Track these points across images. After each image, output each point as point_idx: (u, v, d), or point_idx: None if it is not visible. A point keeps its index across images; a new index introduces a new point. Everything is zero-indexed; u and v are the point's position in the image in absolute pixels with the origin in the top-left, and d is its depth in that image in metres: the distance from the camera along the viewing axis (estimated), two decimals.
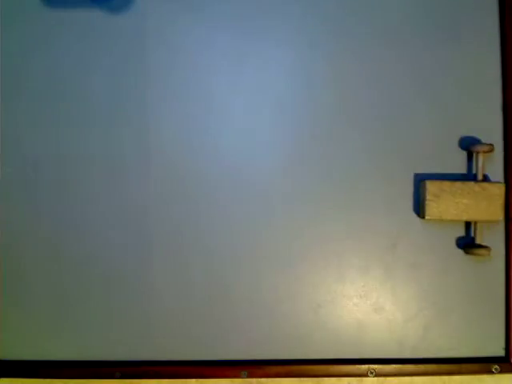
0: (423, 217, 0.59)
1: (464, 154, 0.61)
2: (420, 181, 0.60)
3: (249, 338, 0.61)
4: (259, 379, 0.62)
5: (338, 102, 0.62)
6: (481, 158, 0.59)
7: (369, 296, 0.61)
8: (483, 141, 0.61)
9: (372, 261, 0.61)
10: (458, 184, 0.58)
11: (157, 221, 0.62)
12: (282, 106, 0.62)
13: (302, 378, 0.62)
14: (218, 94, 0.62)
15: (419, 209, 0.60)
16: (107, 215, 0.62)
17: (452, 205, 0.58)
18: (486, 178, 0.60)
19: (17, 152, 0.62)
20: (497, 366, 0.60)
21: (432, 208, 0.58)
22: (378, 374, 0.60)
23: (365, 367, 0.60)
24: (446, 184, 0.58)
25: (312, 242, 0.61)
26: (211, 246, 0.62)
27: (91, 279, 0.62)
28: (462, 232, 0.61)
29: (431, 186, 0.58)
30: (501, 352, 0.61)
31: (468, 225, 0.61)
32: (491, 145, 0.59)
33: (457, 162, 0.61)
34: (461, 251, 0.61)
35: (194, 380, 0.63)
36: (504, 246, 0.61)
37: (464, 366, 0.60)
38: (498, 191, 0.58)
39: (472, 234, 0.60)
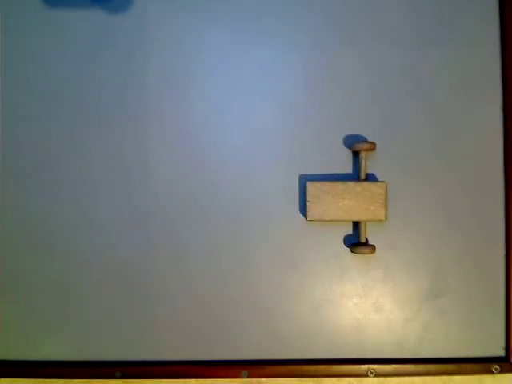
0: (306, 218, 0.59)
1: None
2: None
3: (249, 337, 0.61)
4: (259, 379, 0.62)
5: (338, 101, 0.62)
6: (363, 156, 0.59)
7: (369, 296, 0.62)
8: (485, 141, 0.61)
9: (372, 261, 0.61)
10: (339, 184, 0.58)
11: (158, 220, 0.62)
12: (282, 106, 0.62)
13: (301, 378, 0.62)
14: (219, 93, 0.62)
15: (304, 210, 0.60)
16: (108, 214, 0.62)
17: (333, 205, 0.58)
18: (369, 178, 0.60)
19: (17, 152, 0.62)
20: (497, 366, 0.60)
21: (313, 209, 0.58)
22: (378, 374, 0.60)
23: (365, 367, 0.60)
24: (327, 185, 0.58)
25: (312, 241, 0.61)
26: (211, 245, 0.62)
27: (91, 279, 0.62)
28: (351, 231, 0.62)
29: (311, 188, 0.58)
30: (501, 352, 0.61)
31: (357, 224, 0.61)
32: (373, 143, 0.59)
33: (346, 162, 0.61)
34: (348, 249, 0.61)
35: (193, 380, 0.63)
36: (504, 246, 0.61)
37: (464, 366, 0.60)
38: (379, 190, 0.58)
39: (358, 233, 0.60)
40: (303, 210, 0.61)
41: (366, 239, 0.60)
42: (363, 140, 0.61)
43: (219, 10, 0.62)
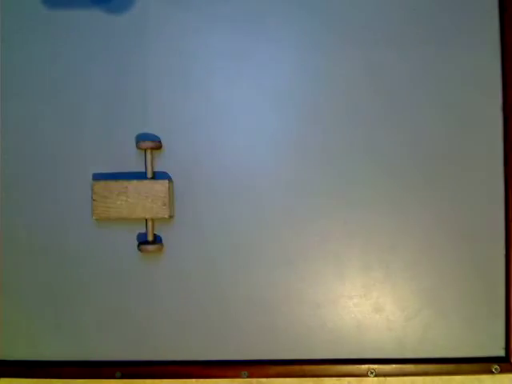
0: (92, 217, 0.59)
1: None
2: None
3: (249, 338, 0.61)
4: (259, 379, 0.62)
5: (339, 101, 0.62)
6: (149, 155, 0.60)
7: (369, 296, 0.62)
8: (485, 141, 0.61)
9: (372, 261, 0.61)
10: (124, 183, 0.59)
11: (157, 220, 0.62)
12: (283, 106, 0.62)
13: (301, 378, 0.62)
14: (219, 93, 0.62)
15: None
16: None
17: (118, 204, 0.58)
18: (161, 176, 0.61)
19: (16, 152, 0.62)
20: (497, 366, 0.60)
21: (99, 208, 0.59)
22: (378, 374, 0.60)
23: (365, 367, 0.60)
24: (112, 184, 0.58)
25: (312, 241, 0.61)
26: (211, 244, 0.62)
27: (91, 279, 0.62)
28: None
29: (97, 187, 0.59)
30: (501, 352, 0.61)
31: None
32: (158, 142, 0.60)
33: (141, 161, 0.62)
34: (136, 249, 0.62)
35: (194, 380, 0.63)
36: (504, 246, 0.61)
37: (464, 366, 0.60)
38: (161, 189, 0.59)
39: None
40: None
41: (156, 237, 0.61)
42: (147, 139, 0.61)
43: (220, 10, 0.62)
